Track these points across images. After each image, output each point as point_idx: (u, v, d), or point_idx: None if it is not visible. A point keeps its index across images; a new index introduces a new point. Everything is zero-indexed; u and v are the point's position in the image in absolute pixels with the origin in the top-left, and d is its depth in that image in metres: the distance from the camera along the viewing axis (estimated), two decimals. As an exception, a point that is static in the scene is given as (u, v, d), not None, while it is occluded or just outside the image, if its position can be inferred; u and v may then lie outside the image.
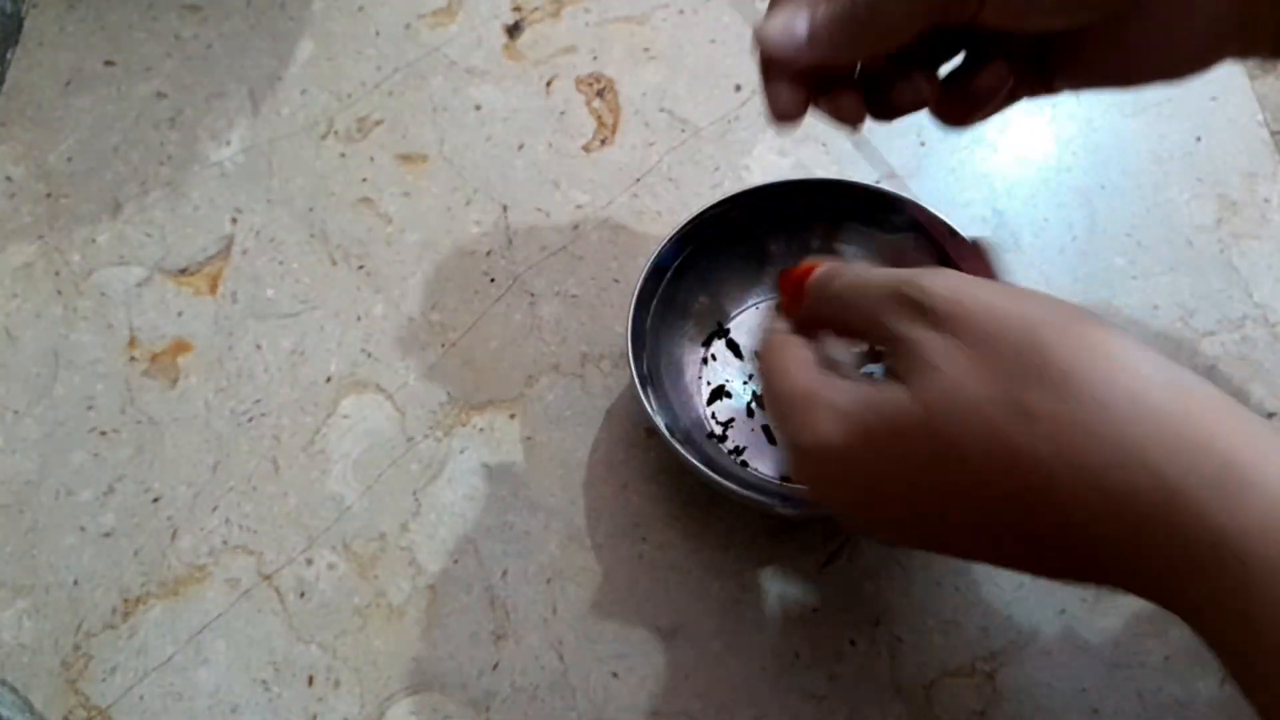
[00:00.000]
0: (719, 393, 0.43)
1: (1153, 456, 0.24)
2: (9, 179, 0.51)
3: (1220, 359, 0.44)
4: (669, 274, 0.42)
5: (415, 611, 0.40)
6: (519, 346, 0.46)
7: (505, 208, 0.49)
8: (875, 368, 0.39)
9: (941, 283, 0.28)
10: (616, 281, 0.47)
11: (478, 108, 0.52)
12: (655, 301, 0.42)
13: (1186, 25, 0.31)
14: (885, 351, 0.30)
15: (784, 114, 0.34)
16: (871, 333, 0.30)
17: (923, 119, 0.51)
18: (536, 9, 0.55)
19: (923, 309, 0.28)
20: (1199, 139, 0.49)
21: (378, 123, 0.52)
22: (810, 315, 0.33)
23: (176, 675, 0.39)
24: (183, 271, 0.48)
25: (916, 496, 0.28)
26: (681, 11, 0.55)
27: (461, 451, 0.43)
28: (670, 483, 0.42)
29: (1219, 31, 0.31)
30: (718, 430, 0.42)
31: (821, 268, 0.33)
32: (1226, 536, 0.23)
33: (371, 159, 0.51)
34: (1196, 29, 0.31)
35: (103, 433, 0.44)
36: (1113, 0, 0.31)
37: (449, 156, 0.51)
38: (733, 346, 0.44)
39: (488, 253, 0.48)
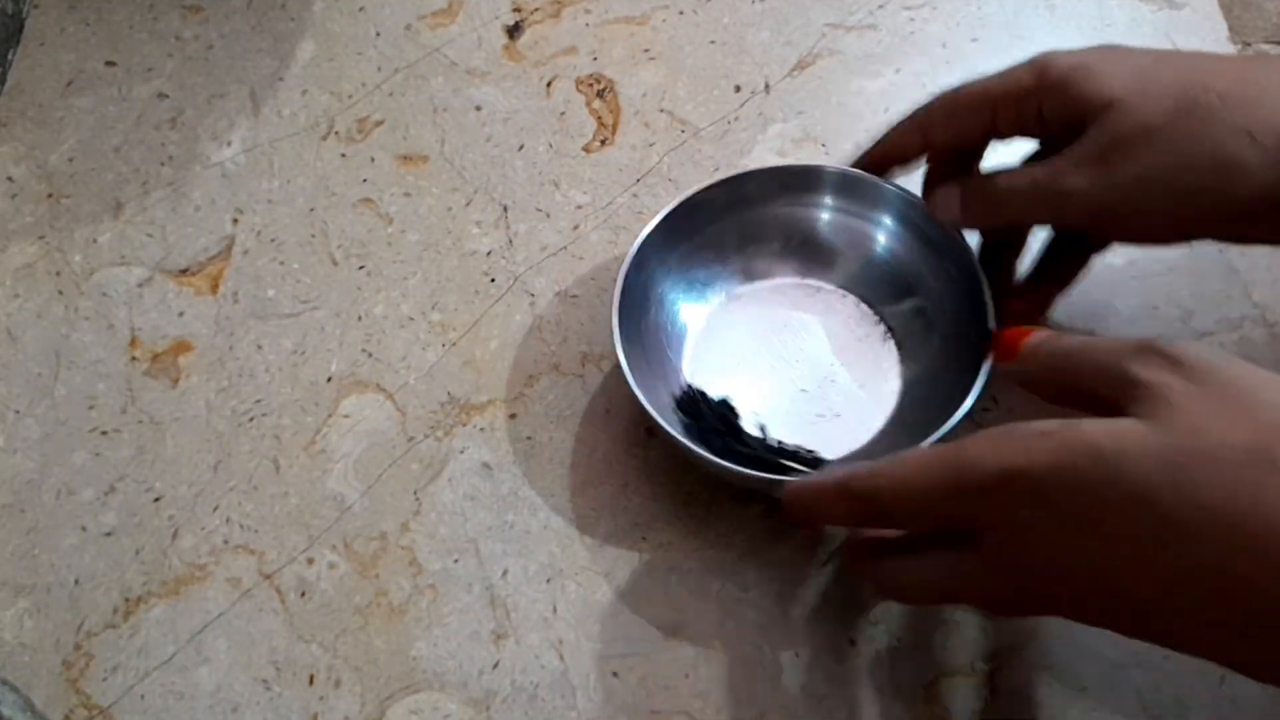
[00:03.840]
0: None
1: None
2: (10, 179, 0.51)
3: (1219, 359, 0.44)
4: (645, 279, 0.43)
5: (416, 611, 0.40)
6: (519, 346, 0.46)
7: (505, 208, 0.49)
8: None
9: (1195, 346, 0.29)
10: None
11: (478, 108, 0.52)
12: (636, 304, 0.42)
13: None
14: (1117, 398, 0.29)
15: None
16: (1103, 380, 0.30)
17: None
18: (537, 10, 0.55)
19: (1174, 361, 0.28)
20: (1198, 139, 0.49)
21: (378, 123, 0.52)
22: (1032, 365, 0.34)
23: (177, 674, 0.39)
24: (184, 271, 0.48)
25: (1121, 545, 0.27)
26: (681, 12, 0.55)
27: (462, 451, 0.43)
28: (670, 483, 0.42)
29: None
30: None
31: (1042, 332, 0.34)
32: None
33: (372, 159, 0.51)
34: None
35: (104, 432, 0.44)
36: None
37: (449, 157, 0.51)
38: None
39: (488, 253, 0.48)
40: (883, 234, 0.44)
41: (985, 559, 0.31)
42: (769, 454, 0.40)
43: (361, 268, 0.48)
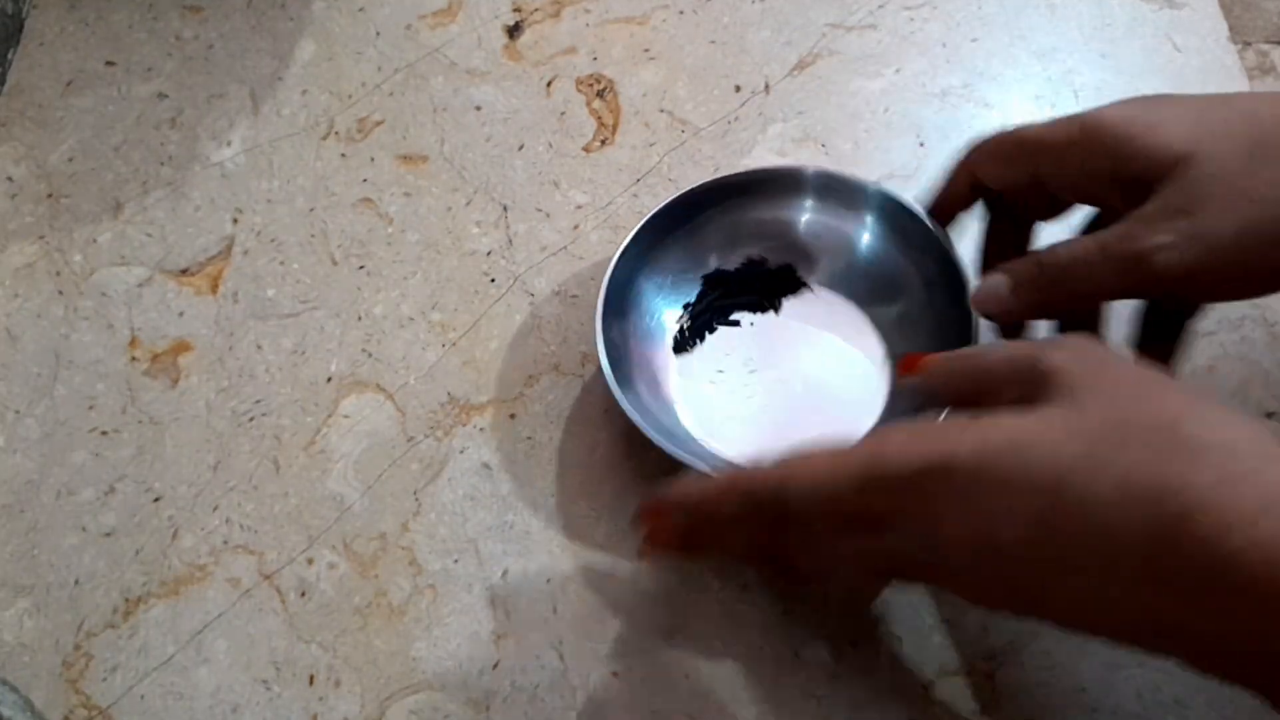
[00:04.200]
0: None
1: None
2: (10, 179, 0.51)
3: (1219, 359, 0.44)
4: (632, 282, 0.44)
5: (416, 611, 0.40)
6: (519, 346, 0.46)
7: (505, 208, 0.49)
8: None
9: (1094, 343, 0.31)
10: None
11: (478, 108, 0.52)
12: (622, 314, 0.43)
13: None
14: (1028, 392, 0.30)
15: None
16: (1015, 371, 0.31)
17: (922, 116, 0.51)
18: (537, 10, 0.55)
19: (1080, 352, 0.30)
20: (1198, 139, 0.49)
21: (378, 123, 0.52)
22: (940, 374, 0.35)
23: (177, 675, 0.39)
24: (184, 271, 0.48)
25: (1032, 529, 0.27)
26: (681, 12, 0.55)
27: (461, 451, 0.43)
28: (670, 483, 0.42)
29: None
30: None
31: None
32: None
33: (372, 159, 0.51)
34: None
35: (104, 432, 0.44)
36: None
37: (449, 157, 0.51)
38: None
39: (488, 253, 0.48)
40: (866, 234, 0.45)
41: (895, 538, 0.30)
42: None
43: (361, 267, 0.48)
